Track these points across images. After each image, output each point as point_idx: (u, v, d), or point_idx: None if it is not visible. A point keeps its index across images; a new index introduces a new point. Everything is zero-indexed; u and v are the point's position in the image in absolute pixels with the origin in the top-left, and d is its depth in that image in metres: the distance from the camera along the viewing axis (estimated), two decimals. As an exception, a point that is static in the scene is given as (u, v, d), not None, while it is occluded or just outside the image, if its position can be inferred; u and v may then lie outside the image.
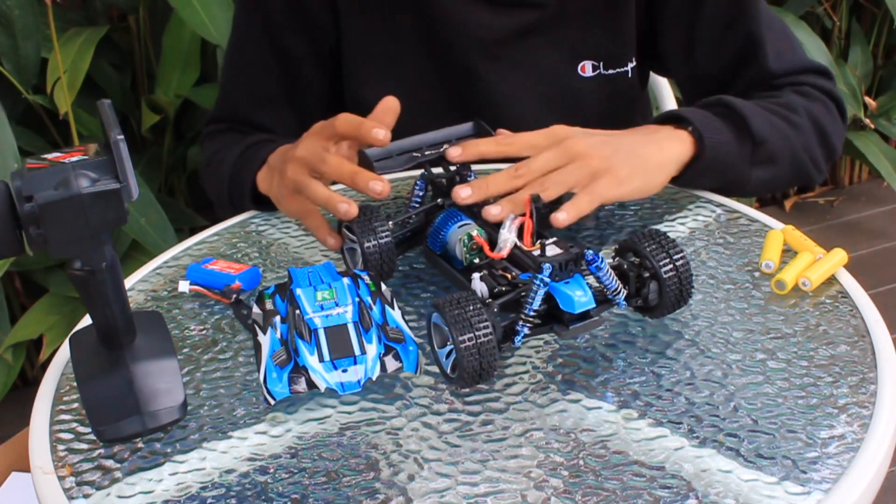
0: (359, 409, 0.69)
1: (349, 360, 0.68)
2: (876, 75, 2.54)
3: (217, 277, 0.84)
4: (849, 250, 0.84)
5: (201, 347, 0.77)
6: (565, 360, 0.73)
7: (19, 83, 1.65)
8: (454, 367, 0.68)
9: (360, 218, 0.80)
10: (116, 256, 0.65)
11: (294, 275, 0.75)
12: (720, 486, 0.61)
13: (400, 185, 1.02)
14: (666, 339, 0.75)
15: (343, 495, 0.62)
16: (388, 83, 1.05)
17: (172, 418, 0.68)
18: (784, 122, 0.96)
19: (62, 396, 0.73)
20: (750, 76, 1.03)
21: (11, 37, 1.63)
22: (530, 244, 0.73)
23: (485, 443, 0.65)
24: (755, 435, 0.65)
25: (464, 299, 0.68)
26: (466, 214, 0.81)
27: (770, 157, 0.95)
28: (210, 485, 0.63)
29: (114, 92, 1.84)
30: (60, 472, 0.65)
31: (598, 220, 0.93)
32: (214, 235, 0.95)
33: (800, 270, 0.80)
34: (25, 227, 0.60)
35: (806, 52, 1.08)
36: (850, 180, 2.79)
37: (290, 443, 0.67)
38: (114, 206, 0.60)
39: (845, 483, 0.60)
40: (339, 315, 0.70)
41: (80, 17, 1.85)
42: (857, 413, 0.66)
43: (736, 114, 0.93)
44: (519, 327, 0.70)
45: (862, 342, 0.73)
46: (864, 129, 2.39)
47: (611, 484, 0.61)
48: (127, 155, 0.60)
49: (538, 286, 0.69)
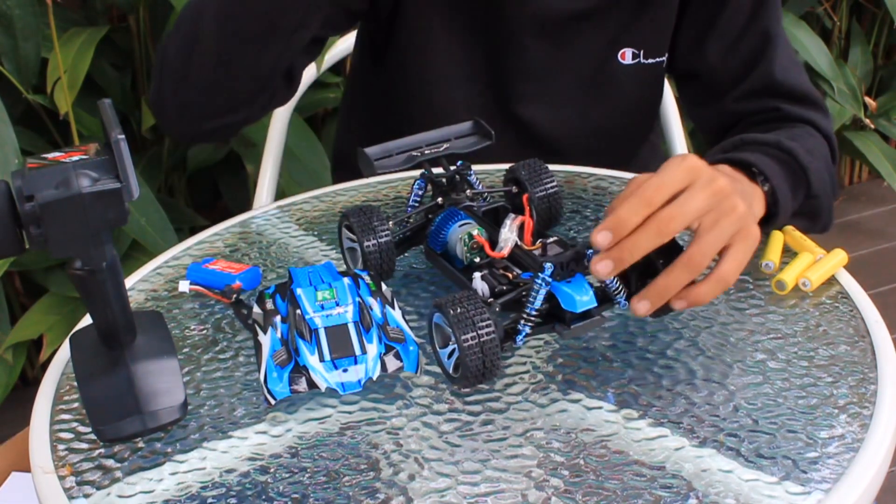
0: (359, 408, 0.69)
1: (350, 359, 0.68)
2: (876, 75, 2.54)
3: (217, 277, 0.83)
4: (849, 250, 0.84)
5: (201, 347, 0.77)
6: (566, 360, 0.73)
7: (19, 83, 1.64)
8: (457, 366, 0.68)
9: (360, 218, 0.80)
10: (117, 256, 0.65)
11: (294, 274, 0.75)
12: (720, 485, 0.61)
13: (400, 185, 1.02)
14: (666, 339, 0.75)
15: (343, 495, 0.62)
16: (436, 51, 1.04)
17: (173, 418, 0.68)
18: (828, 177, 0.94)
19: (62, 396, 0.73)
20: (754, 81, 1.03)
21: (11, 37, 1.63)
22: (531, 243, 0.73)
23: (485, 442, 0.65)
24: (755, 435, 0.65)
25: (465, 299, 0.68)
26: (467, 213, 0.81)
27: (814, 211, 0.93)
28: (210, 484, 0.63)
29: (114, 92, 1.84)
30: (60, 472, 0.65)
31: None
32: (214, 235, 0.95)
33: (800, 271, 0.80)
34: (26, 227, 0.60)
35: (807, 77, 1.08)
36: (850, 180, 2.79)
37: (291, 442, 0.67)
38: (114, 205, 0.60)
39: (845, 483, 0.60)
40: (340, 315, 0.70)
41: (80, 17, 1.85)
42: (857, 413, 0.66)
43: (797, 163, 0.89)
44: (520, 326, 0.70)
45: (862, 342, 0.73)
46: (864, 129, 2.40)
47: (611, 484, 0.61)
48: (127, 154, 0.60)
49: (540, 285, 0.69)
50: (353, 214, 0.81)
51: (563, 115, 1.07)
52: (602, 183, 1.00)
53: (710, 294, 0.71)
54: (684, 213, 0.69)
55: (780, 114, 1.02)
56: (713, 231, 0.70)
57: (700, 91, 1.09)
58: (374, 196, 1.01)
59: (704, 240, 0.70)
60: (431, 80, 1.05)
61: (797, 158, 0.90)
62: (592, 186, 1.00)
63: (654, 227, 0.68)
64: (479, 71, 1.06)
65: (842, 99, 2.27)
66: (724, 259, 0.71)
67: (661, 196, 0.69)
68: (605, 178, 1.01)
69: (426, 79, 1.05)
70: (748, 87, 1.04)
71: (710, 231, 0.70)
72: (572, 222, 0.93)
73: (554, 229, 0.89)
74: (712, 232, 0.70)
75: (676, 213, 0.69)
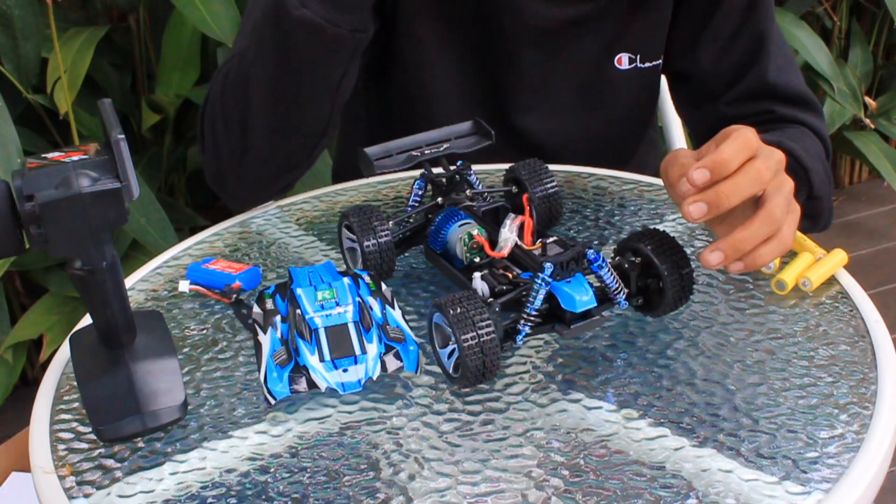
0: (359, 408, 0.69)
1: (350, 359, 0.68)
2: (876, 75, 2.54)
3: (217, 277, 0.83)
4: (849, 250, 0.84)
5: (201, 347, 0.77)
6: (566, 359, 0.73)
7: (19, 83, 1.65)
8: (457, 366, 0.68)
9: (359, 217, 0.80)
10: (117, 256, 0.65)
11: (294, 274, 0.75)
12: (720, 485, 0.61)
13: (400, 185, 1.02)
14: (666, 339, 0.75)
15: (343, 495, 0.62)
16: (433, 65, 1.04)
17: (173, 418, 0.68)
18: (826, 178, 0.94)
19: (62, 396, 0.73)
20: (748, 84, 1.03)
21: (11, 37, 1.63)
22: (531, 243, 0.73)
23: (485, 442, 0.65)
24: (755, 435, 0.65)
25: (465, 298, 0.68)
26: (467, 213, 0.81)
27: (816, 211, 0.93)
28: (210, 484, 0.63)
29: (114, 92, 1.84)
30: (60, 472, 0.65)
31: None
32: (214, 235, 0.95)
33: (800, 271, 0.80)
34: (26, 227, 0.60)
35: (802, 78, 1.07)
36: (850, 180, 2.79)
37: (291, 442, 0.67)
38: (114, 205, 0.60)
39: (845, 483, 0.60)
40: (340, 315, 0.70)
41: (80, 17, 1.85)
42: (857, 413, 0.66)
43: (799, 164, 0.89)
44: (520, 326, 0.70)
45: (862, 342, 0.73)
46: (864, 129, 2.39)
47: (611, 484, 0.61)
48: (128, 154, 0.60)
49: (540, 285, 0.69)
50: (353, 214, 0.81)
51: (561, 125, 1.07)
52: (602, 183, 1.00)
53: (771, 255, 0.71)
54: (769, 167, 0.70)
55: (774, 115, 1.02)
56: (780, 193, 0.71)
57: (693, 93, 1.09)
58: (374, 196, 1.01)
59: (776, 200, 0.70)
60: (429, 94, 1.04)
61: (799, 160, 0.90)
62: (592, 186, 1.00)
63: (753, 172, 0.68)
64: (476, 84, 1.05)
65: (842, 99, 2.27)
66: (782, 225, 0.72)
67: (756, 144, 0.69)
68: (605, 178, 1.01)
69: (425, 93, 1.05)
70: (742, 90, 1.03)
71: (779, 193, 0.71)
72: (572, 222, 0.93)
73: (554, 229, 0.89)
74: (780, 194, 0.71)
75: (768, 166, 0.69)
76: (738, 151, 0.68)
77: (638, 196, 0.97)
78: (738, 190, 0.68)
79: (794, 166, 0.89)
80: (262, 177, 0.94)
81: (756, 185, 0.69)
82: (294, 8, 0.85)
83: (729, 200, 0.68)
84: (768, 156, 0.71)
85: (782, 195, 0.71)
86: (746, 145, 0.69)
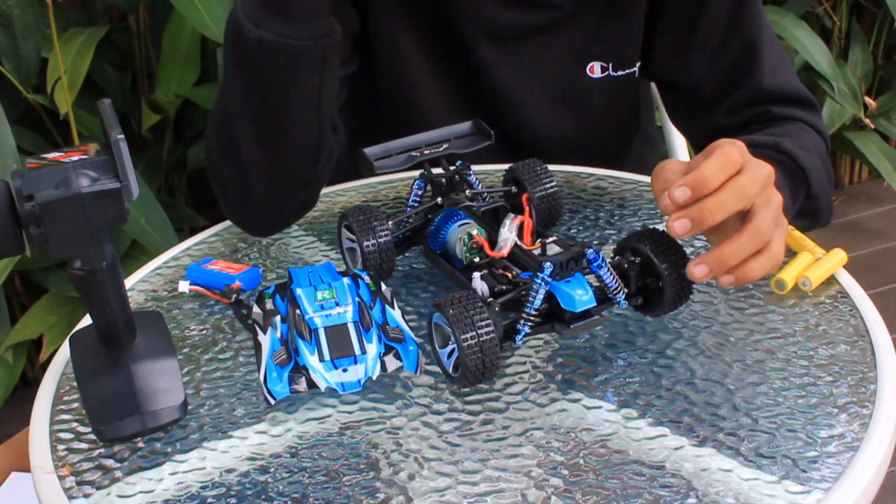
0: (359, 408, 0.69)
1: (349, 359, 0.68)
2: (876, 75, 2.54)
3: (217, 277, 0.84)
4: (849, 250, 0.84)
5: (201, 347, 0.77)
6: (565, 359, 0.73)
7: (19, 83, 1.65)
8: (456, 366, 0.68)
9: (359, 218, 0.80)
10: (116, 256, 0.65)
11: (294, 275, 0.75)
12: (720, 485, 0.61)
13: (400, 185, 1.02)
14: (666, 338, 0.75)
15: (343, 494, 0.62)
16: (414, 72, 1.03)
17: (173, 418, 0.68)
18: (825, 174, 0.93)
19: (62, 396, 0.73)
20: (742, 94, 1.01)
21: (11, 37, 1.63)
22: (530, 243, 0.73)
23: (485, 442, 0.66)
24: (755, 434, 0.65)
25: (465, 298, 0.68)
26: (466, 213, 0.81)
27: (815, 211, 0.92)
28: (210, 484, 0.63)
29: (114, 92, 1.84)
30: (60, 472, 0.65)
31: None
32: (214, 235, 0.95)
33: (800, 270, 0.80)
34: (26, 227, 0.60)
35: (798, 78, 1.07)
36: (850, 180, 2.79)
37: (291, 442, 0.67)
38: (114, 205, 0.60)
39: (845, 482, 0.60)
40: (340, 315, 0.70)
41: (80, 17, 1.85)
42: (857, 412, 0.66)
43: (795, 164, 0.89)
44: (520, 326, 0.70)
45: (862, 342, 0.73)
46: (864, 129, 2.39)
47: (611, 483, 0.61)
48: (127, 154, 0.60)
49: (539, 285, 0.69)
50: (353, 214, 0.81)
51: (537, 134, 1.06)
52: (602, 183, 1.00)
53: (762, 270, 0.71)
54: (755, 182, 0.69)
55: (771, 115, 1.01)
56: (768, 208, 0.70)
57: (687, 103, 1.07)
58: (374, 196, 1.01)
59: (763, 214, 0.70)
60: (414, 101, 1.03)
61: (796, 160, 0.89)
62: (592, 186, 1.00)
63: (738, 188, 0.68)
64: (455, 91, 1.05)
65: (842, 99, 2.27)
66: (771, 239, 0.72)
67: (740, 160, 0.69)
68: (605, 178, 1.01)
69: (411, 99, 1.04)
70: (737, 100, 1.01)
71: (766, 207, 0.70)
72: (572, 222, 0.93)
73: (554, 229, 0.89)
74: (768, 208, 0.70)
75: (753, 181, 0.69)
76: (719, 169, 0.68)
77: (637, 196, 0.97)
78: (722, 206, 0.68)
79: (791, 167, 0.88)
80: (271, 203, 0.93)
81: (741, 201, 0.69)
82: (250, 32, 0.84)
83: (713, 217, 0.68)
84: (754, 170, 0.71)
85: (770, 210, 0.71)
86: (729, 162, 0.69)
